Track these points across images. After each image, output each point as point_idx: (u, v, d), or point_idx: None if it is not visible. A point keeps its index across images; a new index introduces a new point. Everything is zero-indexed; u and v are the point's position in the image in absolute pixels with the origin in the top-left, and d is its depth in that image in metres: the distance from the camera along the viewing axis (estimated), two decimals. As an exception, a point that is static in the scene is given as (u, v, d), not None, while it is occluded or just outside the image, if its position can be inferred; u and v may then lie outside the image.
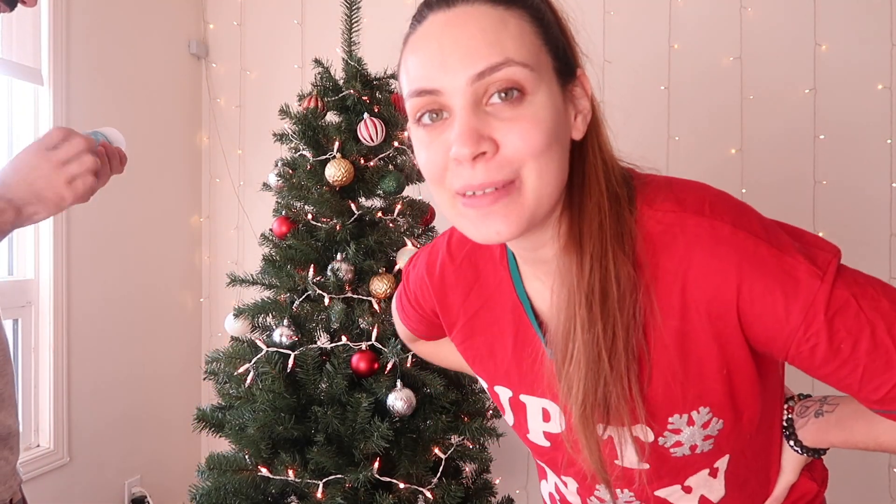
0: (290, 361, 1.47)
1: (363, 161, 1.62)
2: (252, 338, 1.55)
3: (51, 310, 2.02)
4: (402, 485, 1.42)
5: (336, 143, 1.58)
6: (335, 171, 1.55)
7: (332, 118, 1.66)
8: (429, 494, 1.44)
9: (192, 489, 1.48)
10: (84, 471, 2.13)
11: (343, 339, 1.49)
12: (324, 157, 1.59)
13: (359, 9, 1.69)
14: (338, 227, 1.57)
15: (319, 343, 1.54)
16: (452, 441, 1.55)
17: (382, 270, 1.56)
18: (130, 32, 2.33)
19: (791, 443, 0.74)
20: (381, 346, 1.48)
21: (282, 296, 1.57)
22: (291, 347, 1.50)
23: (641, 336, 0.61)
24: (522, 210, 0.56)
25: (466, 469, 1.68)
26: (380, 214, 1.63)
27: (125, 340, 2.31)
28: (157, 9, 2.47)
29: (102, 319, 2.21)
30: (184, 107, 2.63)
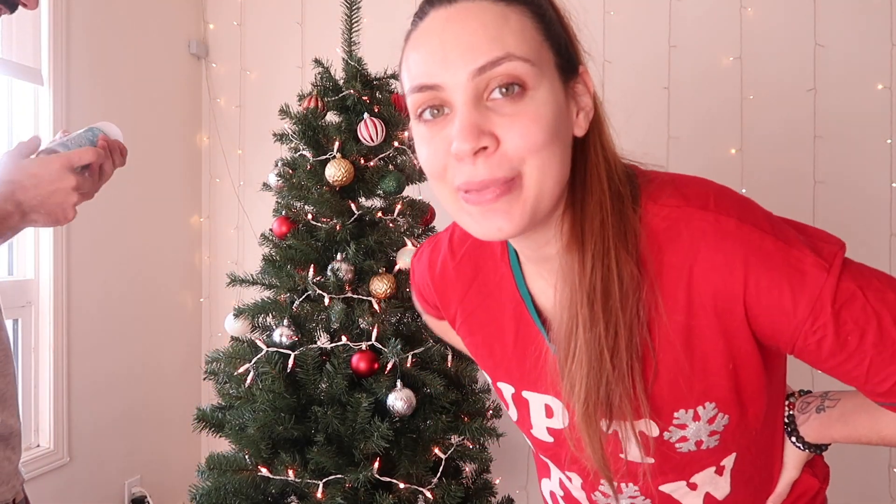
0: (290, 361, 1.47)
1: (363, 161, 1.62)
2: (252, 338, 1.55)
3: (51, 310, 2.02)
4: (402, 485, 1.42)
5: (336, 143, 1.58)
6: (335, 171, 1.55)
7: (332, 118, 1.66)
8: (429, 494, 1.44)
9: (192, 489, 1.48)
10: (84, 471, 2.13)
11: (343, 339, 1.49)
12: (324, 157, 1.59)
13: (359, 9, 1.69)
14: (338, 227, 1.57)
15: (319, 343, 1.54)
16: (452, 441, 1.55)
17: (382, 270, 1.56)
18: (130, 32, 2.33)
19: (793, 439, 0.74)
20: (381, 346, 1.48)
21: (282, 296, 1.57)
22: (291, 347, 1.50)
23: (646, 333, 0.61)
24: (524, 206, 0.56)
25: (466, 469, 1.68)
26: (380, 214, 1.63)
27: (125, 340, 2.31)
28: (157, 9, 2.47)
29: (102, 319, 2.21)
30: (184, 107, 2.63)
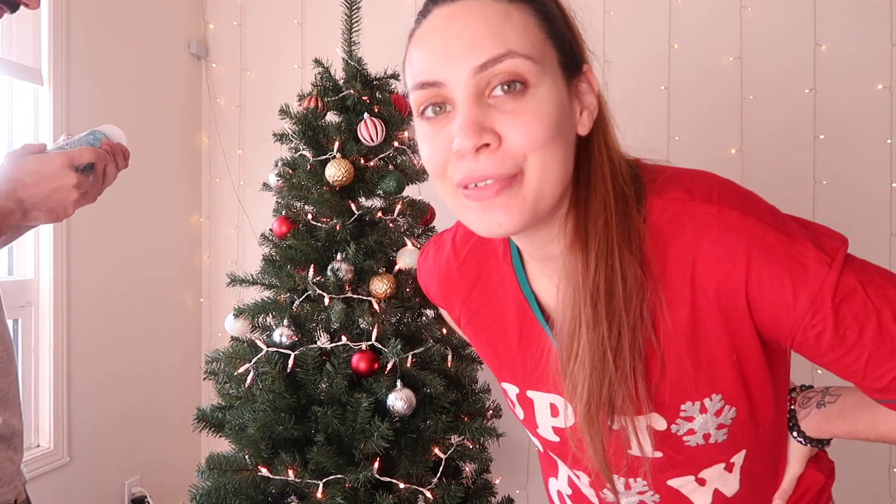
0: (290, 361, 1.47)
1: (363, 161, 1.62)
2: (252, 338, 1.55)
3: (51, 310, 2.02)
4: (402, 485, 1.42)
5: (336, 143, 1.58)
6: (335, 171, 1.54)
7: (332, 118, 1.66)
8: (429, 494, 1.44)
9: (192, 489, 1.48)
10: (84, 471, 2.13)
11: (343, 339, 1.49)
12: (324, 157, 1.59)
13: (359, 9, 1.69)
14: (338, 227, 1.57)
15: (319, 343, 1.54)
16: (452, 441, 1.55)
17: (382, 270, 1.56)
18: (130, 32, 2.33)
19: (794, 434, 0.74)
20: (381, 346, 1.48)
21: (282, 296, 1.57)
22: (291, 347, 1.50)
23: (651, 333, 0.61)
24: (525, 202, 0.56)
25: (466, 469, 1.68)
26: (380, 214, 1.63)
27: (125, 340, 2.31)
28: (157, 9, 2.47)
29: (102, 319, 2.21)
30: (184, 107, 2.63)
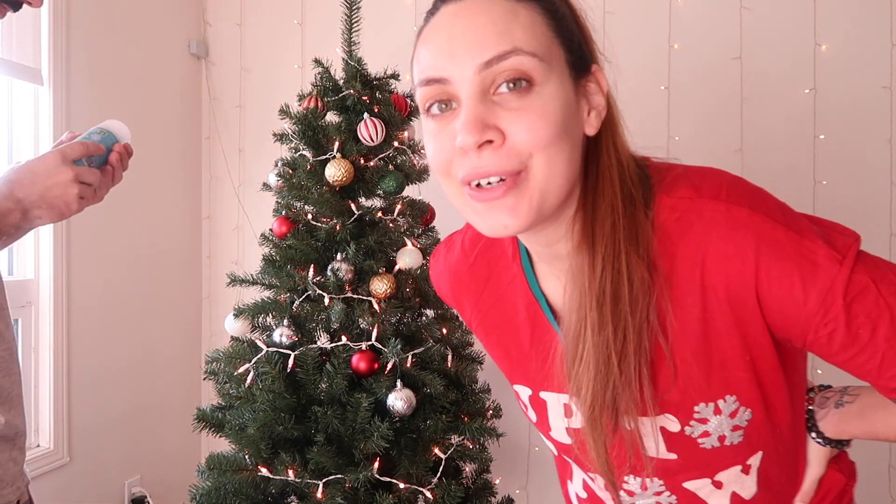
0: (290, 361, 1.47)
1: (363, 161, 1.62)
2: (252, 338, 1.55)
3: (51, 310, 2.02)
4: (402, 485, 1.42)
5: (336, 143, 1.58)
6: (335, 171, 1.54)
7: (332, 118, 1.66)
8: (429, 494, 1.44)
9: (192, 489, 1.48)
10: (84, 471, 2.13)
11: (343, 339, 1.49)
12: (324, 157, 1.59)
13: (359, 9, 1.69)
14: (338, 227, 1.57)
15: (319, 343, 1.54)
16: (452, 441, 1.55)
17: (382, 270, 1.56)
18: (130, 32, 2.33)
19: (813, 434, 0.72)
20: (381, 346, 1.48)
21: (282, 296, 1.57)
22: (291, 347, 1.50)
23: (659, 335, 0.60)
24: (530, 202, 0.56)
25: (466, 469, 1.68)
26: (380, 214, 1.63)
27: (125, 340, 2.31)
28: (157, 9, 2.46)
29: (102, 319, 2.21)
30: (184, 107, 2.63)
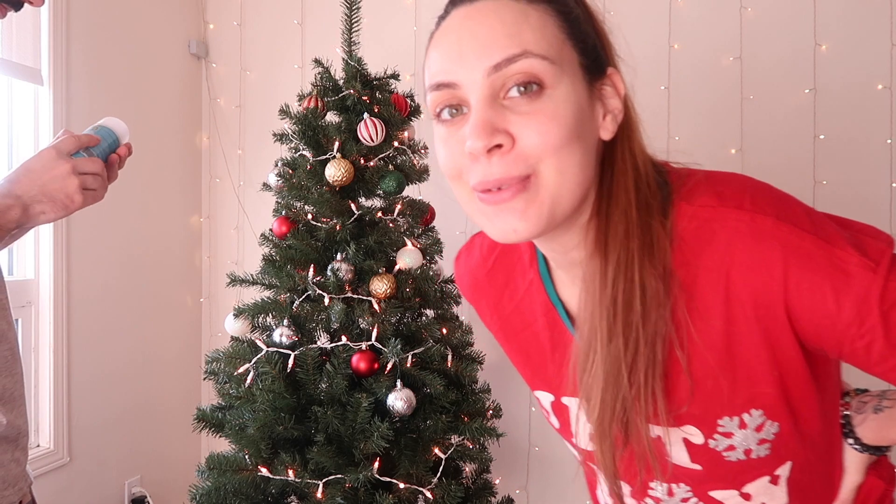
0: (290, 361, 1.47)
1: (363, 161, 1.62)
2: (252, 338, 1.55)
3: (51, 310, 2.02)
4: (402, 485, 1.42)
5: (336, 143, 1.58)
6: (335, 171, 1.54)
7: (332, 118, 1.66)
8: (429, 494, 1.44)
9: (192, 489, 1.48)
10: (84, 471, 2.13)
11: (343, 339, 1.49)
12: (324, 157, 1.59)
13: (359, 9, 1.69)
14: (338, 227, 1.57)
15: (319, 343, 1.54)
16: (452, 441, 1.55)
17: (382, 270, 1.56)
18: (130, 32, 2.33)
19: (850, 441, 0.70)
20: (381, 346, 1.48)
21: (282, 296, 1.57)
22: (291, 347, 1.50)
23: (676, 346, 0.58)
24: (541, 207, 0.54)
25: (466, 469, 1.68)
26: (380, 214, 1.63)
27: (125, 340, 2.31)
28: (157, 9, 2.47)
29: (102, 319, 2.21)
30: (184, 107, 2.63)
